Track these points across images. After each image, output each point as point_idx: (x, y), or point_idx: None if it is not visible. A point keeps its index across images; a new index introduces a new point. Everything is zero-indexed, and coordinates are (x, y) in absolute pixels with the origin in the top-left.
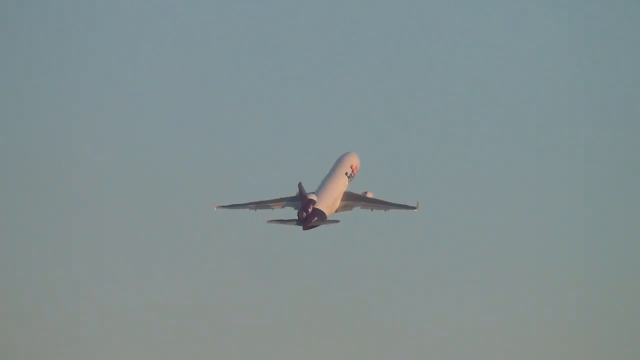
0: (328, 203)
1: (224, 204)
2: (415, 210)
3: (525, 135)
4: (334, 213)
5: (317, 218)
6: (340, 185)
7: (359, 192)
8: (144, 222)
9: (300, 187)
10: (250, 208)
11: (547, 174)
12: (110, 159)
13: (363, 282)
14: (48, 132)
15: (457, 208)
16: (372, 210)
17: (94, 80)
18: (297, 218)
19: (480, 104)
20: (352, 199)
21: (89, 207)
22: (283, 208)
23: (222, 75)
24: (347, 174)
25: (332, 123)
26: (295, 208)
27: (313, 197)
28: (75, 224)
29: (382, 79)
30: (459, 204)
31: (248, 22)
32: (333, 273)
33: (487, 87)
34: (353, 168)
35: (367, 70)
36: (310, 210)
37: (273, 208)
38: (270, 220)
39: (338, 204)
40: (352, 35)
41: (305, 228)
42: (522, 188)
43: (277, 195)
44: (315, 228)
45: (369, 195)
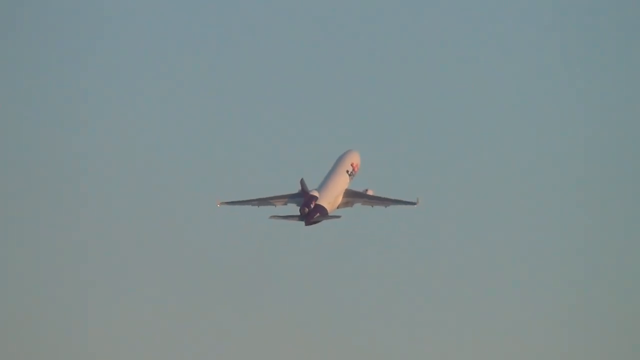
0: (329, 200)
1: (228, 201)
2: (415, 206)
3: (525, 133)
4: (335, 209)
5: (319, 214)
6: (342, 183)
7: (360, 189)
8: (149, 218)
9: (302, 183)
10: (253, 205)
11: (546, 172)
12: (113, 156)
13: (364, 275)
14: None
15: (456, 205)
16: (372, 207)
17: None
18: (299, 214)
19: (480, 102)
20: (353, 196)
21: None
22: (285, 205)
23: (225, 73)
24: (348, 172)
25: (334, 122)
26: (298, 205)
27: (315, 193)
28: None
29: (383, 78)
30: (458, 201)
31: (251, 19)
32: (334, 267)
33: (487, 85)
34: (354, 166)
35: (368, 70)
36: (312, 206)
37: (276, 205)
38: (273, 216)
39: (339, 201)
40: (353, 33)
41: (308, 223)
42: (521, 184)
43: (279, 193)
44: (317, 223)
45: (370, 193)
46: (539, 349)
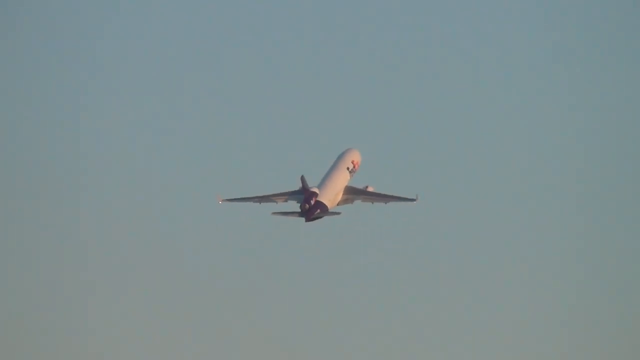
0: (330, 196)
1: (229, 198)
2: (415, 203)
3: (524, 130)
4: (336, 206)
5: (319, 210)
6: (342, 180)
7: (360, 186)
8: (150, 215)
9: (303, 180)
10: (255, 202)
11: (545, 168)
12: (115, 154)
13: (364, 270)
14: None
15: (455, 201)
16: (372, 203)
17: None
18: (299, 210)
19: (480, 100)
20: (353, 193)
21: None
22: (286, 202)
23: (226, 71)
24: (348, 169)
25: (334, 120)
26: (298, 202)
27: (315, 189)
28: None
29: (383, 77)
30: (457, 198)
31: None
32: (335, 263)
33: (486, 83)
34: (354, 163)
35: (369, 68)
36: (313, 203)
37: (277, 202)
38: (274, 213)
39: (340, 198)
40: (353, 32)
41: (308, 220)
42: (520, 181)
43: (280, 190)
44: (318, 220)
45: (370, 190)
46: (539, 348)
